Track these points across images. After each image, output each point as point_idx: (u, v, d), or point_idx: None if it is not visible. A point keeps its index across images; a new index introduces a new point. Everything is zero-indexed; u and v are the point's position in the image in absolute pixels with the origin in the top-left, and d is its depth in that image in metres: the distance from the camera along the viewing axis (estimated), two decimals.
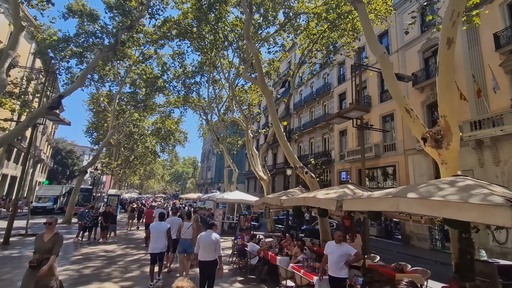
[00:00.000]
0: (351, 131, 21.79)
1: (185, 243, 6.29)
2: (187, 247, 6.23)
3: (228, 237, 13.93)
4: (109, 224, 10.82)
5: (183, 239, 6.36)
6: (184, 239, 6.36)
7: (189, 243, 6.27)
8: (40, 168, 38.14)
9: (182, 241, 6.34)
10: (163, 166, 64.91)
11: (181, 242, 6.35)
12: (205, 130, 32.80)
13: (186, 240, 6.32)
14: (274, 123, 10.93)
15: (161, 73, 23.08)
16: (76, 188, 17.77)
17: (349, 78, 23.00)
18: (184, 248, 6.24)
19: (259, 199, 9.23)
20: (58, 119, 10.40)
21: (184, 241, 6.32)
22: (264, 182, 15.79)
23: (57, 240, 4.23)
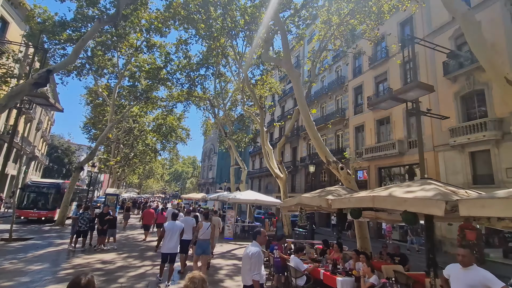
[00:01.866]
0: (369, 126, 20.25)
1: (204, 244, 6.12)
2: (205, 248, 6.12)
3: (242, 242, 12.31)
4: (107, 227, 9.18)
5: (201, 240, 6.13)
6: (202, 240, 6.15)
7: (207, 244, 6.18)
8: (34, 166, 36.34)
9: (201, 242, 6.12)
10: (163, 165, 63.12)
11: (200, 243, 6.11)
12: (208, 126, 31.07)
13: (205, 241, 6.17)
14: (303, 111, 9.34)
15: (163, 64, 21.49)
16: (71, 186, 16.09)
17: (366, 70, 21.51)
18: (203, 250, 6.09)
19: (291, 199, 7.61)
20: (48, 103, 8.71)
21: (203, 241, 6.14)
22: (281, 180, 14.20)
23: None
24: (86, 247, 9.13)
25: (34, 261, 7.08)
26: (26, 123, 28.64)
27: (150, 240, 11.45)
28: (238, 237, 13.71)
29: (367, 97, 20.50)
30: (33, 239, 10.48)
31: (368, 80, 20.99)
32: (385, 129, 19.38)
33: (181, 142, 34.91)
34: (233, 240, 12.89)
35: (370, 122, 20.16)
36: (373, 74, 20.59)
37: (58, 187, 16.92)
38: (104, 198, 23.69)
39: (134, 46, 19.73)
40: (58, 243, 9.82)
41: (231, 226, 13.37)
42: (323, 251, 6.68)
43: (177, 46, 21.59)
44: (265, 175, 37.24)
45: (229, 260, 8.39)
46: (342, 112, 23.40)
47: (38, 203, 16.11)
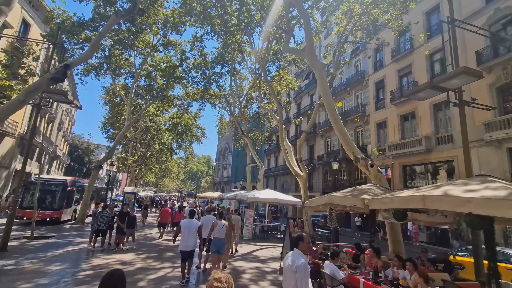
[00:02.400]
0: (392, 122, 19.26)
1: (218, 243, 6.11)
2: (220, 247, 6.09)
3: (263, 243, 11.85)
4: (125, 226, 8.96)
5: (216, 238, 6.15)
6: (217, 238, 6.15)
7: (222, 243, 6.17)
8: (56, 165, 37.48)
9: (216, 241, 6.13)
10: (178, 164, 63.74)
11: (214, 242, 6.13)
12: (223, 125, 30.79)
13: (220, 240, 6.15)
14: (328, 104, 8.75)
15: (179, 62, 21.40)
16: (90, 185, 16.21)
17: (388, 63, 20.48)
18: (218, 248, 6.08)
19: (318, 199, 7.06)
20: (67, 100, 8.61)
21: (218, 240, 6.13)
22: (301, 179, 13.62)
23: None
24: (105, 247, 8.96)
25: (53, 261, 6.93)
26: (48, 124, 29.49)
27: (167, 238, 11.24)
28: (257, 237, 13.28)
29: (389, 92, 19.49)
30: (53, 237, 10.49)
31: (391, 74, 19.96)
32: (410, 125, 18.35)
33: (197, 141, 34.95)
34: (252, 240, 12.47)
35: (394, 117, 19.16)
36: (396, 67, 19.55)
37: (64, 184, 14.97)
38: (123, 197, 23.93)
39: (150, 45, 19.73)
40: (77, 242, 9.73)
41: (250, 226, 12.95)
42: (356, 256, 6.10)
43: (192, 44, 21.46)
44: (281, 173, 36.67)
45: (251, 263, 7.95)
46: (363, 108, 22.45)
47: (43, 202, 14.20)
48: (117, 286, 1.89)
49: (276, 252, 9.91)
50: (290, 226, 7.77)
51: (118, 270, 1.98)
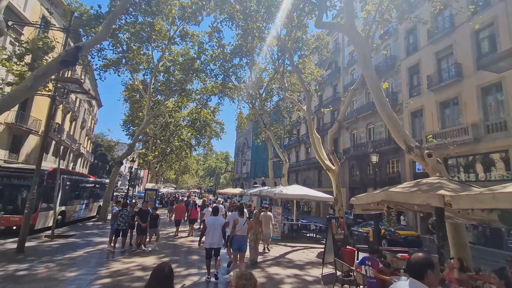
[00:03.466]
0: (429, 110, 17.45)
1: (240, 240, 5.98)
2: (241, 245, 5.97)
3: (293, 243, 10.81)
4: (147, 225, 8.23)
5: (238, 235, 5.99)
6: (239, 236, 5.99)
7: (243, 240, 6.04)
8: (81, 163, 38.33)
9: (237, 238, 5.98)
10: (197, 161, 63.91)
11: (236, 239, 5.98)
12: (242, 119, 29.76)
13: (242, 237, 6.03)
14: (372, 85, 7.49)
15: (197, 55, 20.66)
16: (111, 181, 15.87)
17: (424, 45, 18.57)
18: (239, 246, 5.94)
19: (369, 195, 5.88)
20: (82, 90, 7.93)
21: (240, 238, 5.99)
22: (333, 173, 12.37)
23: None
24: (126, 247, 8.28)
25: (70, 265, 6.27)
26: (72, 122, 29.95)
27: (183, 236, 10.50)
28: (286, 237, 12.26)
29: (426, 77, 17.64)
30: (74, 236, 10.02)
31: (427, 57, 18.06)
32: (451, 112, 16.50)
33: (216, 137, 34.40)
34: (281, 240, 11.47)
35: (431, 105, 17.34)
36: (434, 50, 17.63)
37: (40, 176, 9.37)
38: (144, 193, 23.74)
39: (167, 37, 19.09)
40: (97, 241, 9.16)
41: (278, 225, 11.93)
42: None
43: (210, 34, 20.62)
44: (303, 168, 35.34)
45: (288, 269, 6.93)
46: (394, 96, 20.66)
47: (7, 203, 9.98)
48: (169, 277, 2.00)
49: (312, 255, 8.84)
50: (333, 227, 6.66)
51: (168, 264, 2.08)
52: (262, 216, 9.75)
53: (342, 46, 29.97)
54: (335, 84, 30.77)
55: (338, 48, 30.35)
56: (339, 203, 12.31)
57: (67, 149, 29.19)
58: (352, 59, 27.95)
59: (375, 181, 21.94)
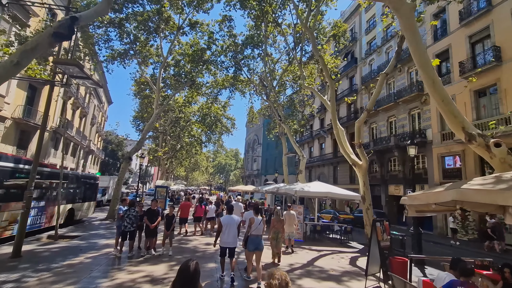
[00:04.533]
0: (462, 99, 15.88)
1: (256, 240, 5.66)
2: (258, 244, 5.65)
3: (318, 247, 9.69)
4: (156, 226, 7.28)
5: (253, 235, 5.68)
6: (254, 235, 5.68)
7: (259, 240, 5.72)
8: (91, 160, 38.16)
9: (253, 238, 5.66)
10: (207, 158, 63.35)
11: (252, 239, 5.65)
12: (254, 114, 28.59)
13: (257, 237, 5.71)
14: (421, 60, 6.24)
15: (207, 45, 19.63)
16: (120, 178, 15.10)
17: (454, 29, 16.95)
18: (256, 246, 5.61)
19: (438, 192, 4.65)
20: (83, 75, 7.03)
21: (255, 238, 5.68)
22: (360, 169, 11.15)
23: None
24: (134, 252, 7.36)
25: (67, 275, 5.36)
26: (81, 118, 29.56)
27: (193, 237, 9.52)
28: (308, 239, 11.15)
29: (459, 63, 16.06)
30: (79, 238, 9.21)
31: (459, 42, 16.46)
32: (488, 101, 14.93)
33: (227, 133, 33.47)
34: (304, 243, 10.37)
35: (464, 93, 15.76)
36: (467, 33, 16.03)
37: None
38: (154, 191, 23.03)
39: (175, 27, 18.12)
40: (103, 244, 8.29)
41: (300, 226, 10.83)
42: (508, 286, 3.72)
43: (221, 23, 19.58)
44: (316, 165, 34.03)
45: (323, 282, 5.82)
46: (419, 86, 19.11)
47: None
48: (195, 275, 2.02)
49: (344, 262, 7.71)
50: (378, 232, 5.49)
51: (194, 261, 2.11)
52: (285, 214, 8.79)
53: (359, 35, 28.38)
54: (351, 76, 29.24)
55: (355, 37, 28.77)
56: (367, 202, 11.10)
57: (77, 145, 28.85)
58: (370, 48, 26.37)
59: (399, 177, 20.64)
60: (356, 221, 19.96)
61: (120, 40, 17.57)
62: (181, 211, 10.76)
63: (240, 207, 10.90)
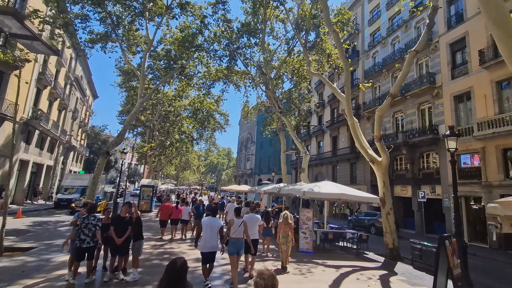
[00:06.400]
0: (481, 91, 14.43)
1: (237, 243, 5.40)
2: (239, 248, 5.42)
3: (333, 261, 7.88)
4: (127, 240, 5.37)
5: (234, 238, 5.40)
6: (235, 238, 5.40)
7: (241, 242, 5.46)
8: (74, 157, 35.52)
9: (234, 241, 5.39)
10: (198, 157, 61.08)
11: (232, 242, 5.38)
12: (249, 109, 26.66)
13: (238, 240, 5.43)
14: (497, 13, 4.50)
15: (199, 30, 17.65)
16: (95, 176, 12.98)
17: (472, 15, 15.50)
18: (237, 249, 5.38)
19: None
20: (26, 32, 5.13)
21: (236, 241, 5.41)
22: (379, 166, 9.46)
23: None
24: (95, 277, 5.38)
25: None
26: (60, 111, 27.04)
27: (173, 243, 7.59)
28: (318, 249, 9.35)
29: (478, 51, 14.58)
30: (31, 251, 7.17)
31: (477, 29, 14.99)
32: (501, 94, 13.48)
33: (219, 130, 31.53)
34: (314, 254, 8.57)
35: (484, 86, 14.32)
36: None
37: None
38: (139, 191, 20.91)
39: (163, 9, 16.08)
40: (57, 263, 6.28)
41: (309, 234, 9.02)
42: None
43: (214, 6, 17.63)
44: (314, 164, 32.37)
45: None
46: (431, 78, 17.62)
47: None
48: (182, 273, 2.04)
49: (376, 286, 5.92)
50: (448, 256, 3.70)
51: (181, 259, 2.11)
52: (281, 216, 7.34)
53: (362, 26, 26.85)
54: (352, 70, 27.68)
55: (357, 29, 27.22)
56: (387, 205, 9.41)
57: (55, 141, 26.34)
58: (374, 40, 24.87)
59: (407, 177, 19.11)
60: (356, 224, 18.40)
61: (100, 21, 15.43)
62: (161, 213, 9.95)
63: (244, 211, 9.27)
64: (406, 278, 6.80)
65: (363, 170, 24.11)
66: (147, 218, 16.30)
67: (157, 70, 20.39)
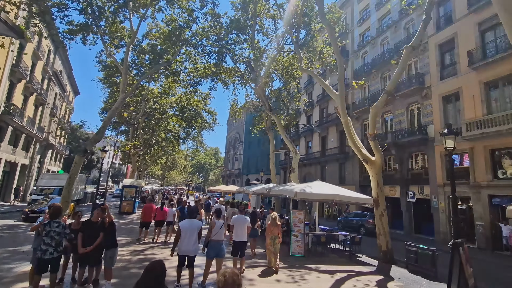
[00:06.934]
0: (470, 92, 14.49)
1: (216, 246, 5.24)
2: (219, 251, 5.26)
3: (326, 265, 7.44)
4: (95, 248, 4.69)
5: (214, 241, 5.24)
6: (215, 241, 5.25)
7: (221, 246, 5.29)
8: (52, 156, 33.73)
9: (214, 244, 5.23)
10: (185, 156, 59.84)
11: (212, 245, 5.23)
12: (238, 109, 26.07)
13: (218, 242, 5.27)
14: None
15: (186, 25, 16.92)
16: (71, 174, 12.03)
17: (461, 16, 15.57)
18: (217, 252, 5.23)
19: None
20: None
21: (216, 243, 5.25)
22: (373, 165, 9.16)
23: None
24: None
25: None
26: (37, 107, 25.49)
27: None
28: (310, 252, 8.90)
29: (467, 52, 14.64)
30: None
31: (467, 30, 15.07)
32: (501, 94, 13.57)
33: (207, 129, 30.77)
34: (306, 259, 8.12)
35: (473, 86, 14.38)
36: (476, 20, 14.65)
37: None
38: (121, 191, 19.90)
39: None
40: (18, 274, 5.50)
41: (301, 236, 8.56)
42: None
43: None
44: (303, 164, 32.11)
45: None
46: (420, 78, 17.66)
47: None
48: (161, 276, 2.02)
49: None
50: (462, 263, 3.30)
51: (160, 262, 2.09)
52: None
53: (351, 27, 26.85)
54: None
55: (347, 29, 27.16)
56: (381, 207, 9.12)
57: (31, 138, 24.80)
58: (363, 40, 24.88)
59: (396, 178, 19.07)
60: (345, 224, 18.22)
61: (80, 11, 14.45)
62: (143, 214, 9.66)
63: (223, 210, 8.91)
64: (403, 283, 6.44)
65: (352, 171, 24.04)
66: (129, 220, 15.46)
67: (142, 66, 19.47)
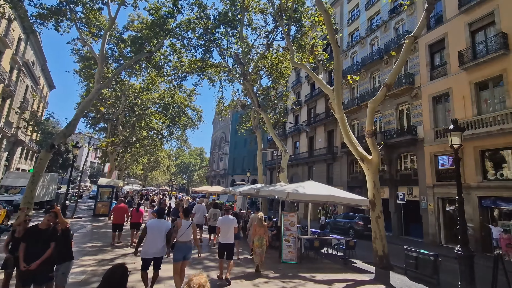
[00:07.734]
0: (460, 93, 14.36)
1: (184, 248, 4.90)
2: (187, 253, 4.95)
3: (323, 274, 6.71)
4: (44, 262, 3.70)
5: (180, 242, 4.90)
6: (182, 242, 4.92)
7: (188, 247, 4.98)
8: (23, 153, 31.33)
9: (180, 245, 4.88)
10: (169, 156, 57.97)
11: (179, 247, 4.87)
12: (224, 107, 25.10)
13: (185, 244, 4.95)
14: None
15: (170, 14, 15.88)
16: (35, 173, 10.67)
17: (452, 17, 15.49)
18: (184, 254, 4.91)
19: None
20: None
21: (183, 244, 4.92)
22: (369, 164, 8.57)
23: None
24: None
25: None
26: (4, 99, 23.39)
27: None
28: (302, 258, 8.15)
29: (458, 53, 14.51)
30: None
31: (457, 30, 14.98)
32: (491, 95, 13.48)
33: (192, 127, 29.64)
34: (299, 265, 7.36)
35: (463, 87, 14.26)
36: (467, 20, 14.57)
37: None
38: (96, 192, 18.43)
39: None
40: None
41: (293, 241, 7.80)
42: None
43: None
44: (290, 164, 31.47)
45: None
46: (410, 78, 17.49)
47: None
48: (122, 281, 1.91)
49: None
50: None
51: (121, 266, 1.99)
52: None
53: (341, 26, 26.61)
54: (330, 70, 27.33)
55: (335, 29, 26.91)
56: (378, 208, 8.52)
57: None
58: (352, 40, 24.67)
59: (385, 178, 18.77)
60: (333, 227, 17.71)
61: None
62: (114, 216, 9.15)
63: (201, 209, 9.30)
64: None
65: (340, 171, 23.70)
66: (103, 224, 14.18)
67: (123, 59, 18.12)
